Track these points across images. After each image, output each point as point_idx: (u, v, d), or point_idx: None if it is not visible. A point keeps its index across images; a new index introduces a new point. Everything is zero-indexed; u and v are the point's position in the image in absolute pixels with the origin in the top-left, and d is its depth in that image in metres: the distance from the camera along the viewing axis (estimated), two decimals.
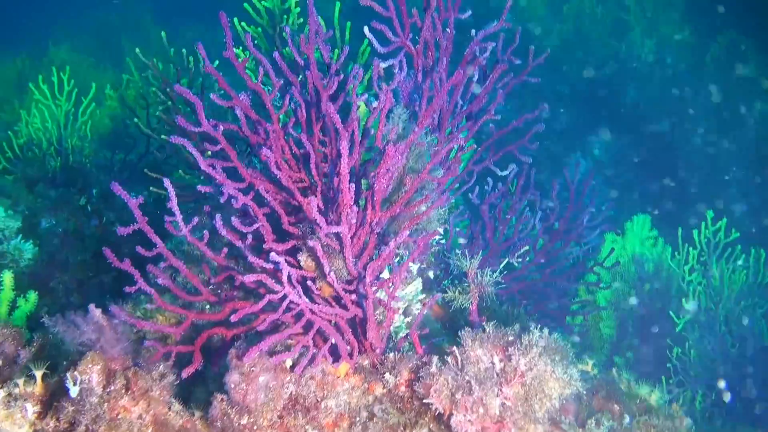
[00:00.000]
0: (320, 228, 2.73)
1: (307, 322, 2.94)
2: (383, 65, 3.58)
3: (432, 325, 3.82)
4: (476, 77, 4.11)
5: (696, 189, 9.95)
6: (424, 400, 2.65)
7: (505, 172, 4.49)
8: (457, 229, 4.58)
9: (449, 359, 2.70)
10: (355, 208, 2.82)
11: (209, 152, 3.39)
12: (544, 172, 10.61)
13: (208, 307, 3.51)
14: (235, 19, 4.45)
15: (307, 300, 2.89)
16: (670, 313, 5.75)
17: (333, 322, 3.07)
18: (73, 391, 2.26)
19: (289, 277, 2.81)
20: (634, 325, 6.03)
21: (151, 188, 5.01)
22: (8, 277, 3.52)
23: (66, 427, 2.23)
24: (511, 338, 2.76)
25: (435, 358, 2.72)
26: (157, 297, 3.01)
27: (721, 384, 5.44)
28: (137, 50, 4.88)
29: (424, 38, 3.70)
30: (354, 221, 2.83)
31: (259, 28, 4.76)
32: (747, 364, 5.60)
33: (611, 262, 4.92)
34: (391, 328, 3.64)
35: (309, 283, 3.04)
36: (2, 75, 10.91)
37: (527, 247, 4.68)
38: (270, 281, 2.72)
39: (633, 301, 5.97)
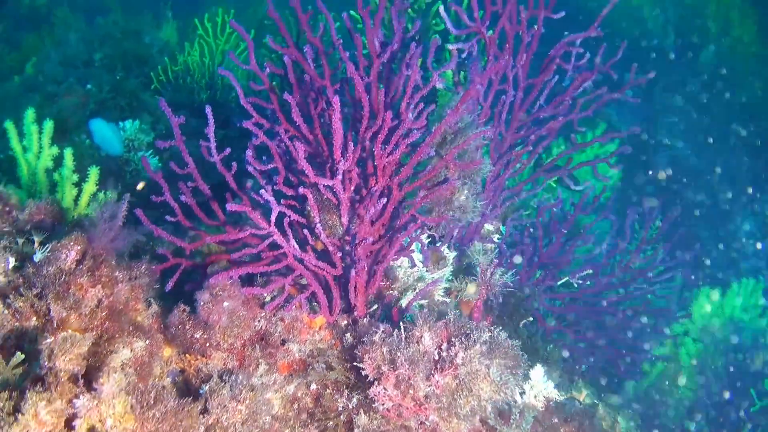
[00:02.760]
0: (307, 177, 2.83)
1: (288, 267, 3.06)
2: (451, 47, 3.58)
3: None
4: (570, 79, 3.98)
5: None
6: (356, 364, 2.68)
7: (579, 188, 4.31)
8: (515, 232, 4.46)
9: (395, 333, 2.70)
10: (346, 163, 2.86)
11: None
12: (699, 224, 9.82)
13: None
14: None
15: (295, 245, 3.00)
16: (752, 391, 5.19)
17: (319, 275, 3.16)
18: (36, 256, 2.56)
19: (281, 220, 2.94)
20: (718, 393, 5.50)
21: None
22: (94, 171, 3.96)
23: (26, 286, 2.53)
24: (467, 332, 2.70)
25: (382, 328, 2.73)
26: (178, 210, 3.28)
27: None
28: None
29: (502, 28, 3.63)
30: (340, 177, 2.88)
31: None
32: None
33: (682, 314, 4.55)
34: (403, 302, 3.66)
35: (306, 231, 3.15)
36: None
37: (590, 271, 4.45)
38: (255, 215, 2.87)
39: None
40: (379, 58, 3.34)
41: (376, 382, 2.58)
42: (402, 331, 2.69)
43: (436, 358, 2.65)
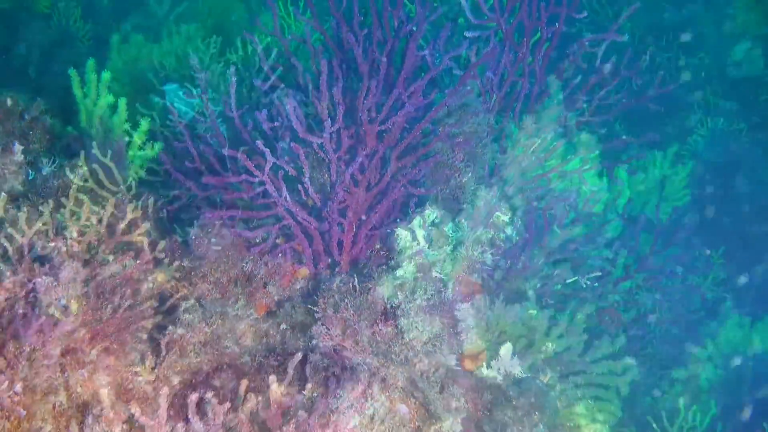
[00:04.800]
0: (297, 131, 3.09)
1: (278, 216, 3.33)
2: (468, 35, 3.76)
3: None
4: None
5: None
6: (309, 306, 2.92)
7: (594, 188, 4.37)
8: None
9: (350, 285, 2.92)
10: (330, 122, 3.10)
11: None
12: None
13: None
14: None
15: (287, 196, 3.27)
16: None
17: (308, 229, 3.42)
18: (45, 169, 2.96)
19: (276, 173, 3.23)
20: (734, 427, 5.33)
21: None
22: (146, 121, 4.36)
23: (34, 193, 2.93)
24: (415, 289, 2.89)
25: (338, 279, 2.95)
26: (196, 157, 3.62)
27: None
28: None
29: (519, 21, 3.77)
30: (327, 135, 3.12)
31: None
32: None
33: None
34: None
35: (299, 186, 3.40)
36: None
37: (599, 273, 4.49)
38: (248, 163, 3.16)
39: None
40: (394, 37, 3.58)
41: (319, 322, 2.82)
42: (356, 281, 2.91)
43: (388, 309, 2.85)
